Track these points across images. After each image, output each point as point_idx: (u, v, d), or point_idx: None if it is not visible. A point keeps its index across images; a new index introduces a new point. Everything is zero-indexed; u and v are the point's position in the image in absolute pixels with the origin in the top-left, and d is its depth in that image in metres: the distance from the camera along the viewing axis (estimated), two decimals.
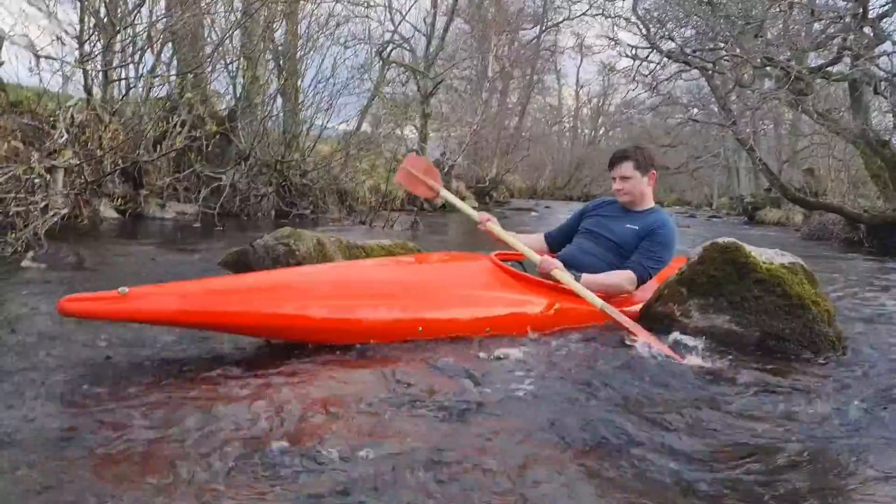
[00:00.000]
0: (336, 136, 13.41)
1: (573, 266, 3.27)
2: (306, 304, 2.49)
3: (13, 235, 4.67)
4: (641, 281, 3.35)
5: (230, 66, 10.67)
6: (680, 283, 3.34)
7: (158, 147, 8.46)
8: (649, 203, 3.55)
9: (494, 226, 3.45)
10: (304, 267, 3.19)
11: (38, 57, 6.93)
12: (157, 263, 4.84)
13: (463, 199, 19.53)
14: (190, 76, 9.04)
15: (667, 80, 15.92)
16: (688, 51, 12.34)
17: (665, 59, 13.87)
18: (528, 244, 3.48)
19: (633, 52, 14.85)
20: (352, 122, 14.04)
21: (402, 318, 2.65)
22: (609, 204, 3.68)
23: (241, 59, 10.50)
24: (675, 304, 3.30)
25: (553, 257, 3.42)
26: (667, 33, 13.38)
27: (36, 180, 5.73)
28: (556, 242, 3.75)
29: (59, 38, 7.59)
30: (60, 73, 7.55)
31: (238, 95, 10.68)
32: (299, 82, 12.14)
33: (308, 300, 2.51)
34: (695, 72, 14.87)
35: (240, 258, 4.58)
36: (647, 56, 14.77)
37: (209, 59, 9.89)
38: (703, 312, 3.22)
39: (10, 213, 5.10)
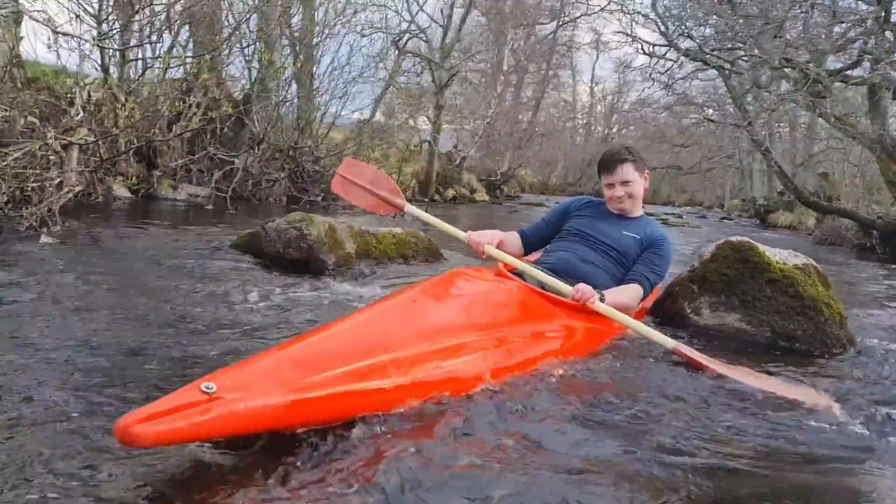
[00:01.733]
0: (349, 124, 13.41)
1: (570, 275, 2.90)
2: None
3: (28, 210, 4.69)
4: (646, 293, 3.03)
5: (246, 50, 10.68)
6: (692, 280, 3.34)
7: (173, 128, 8.47)
8: (640, 210, 3.24)
9: (492, 249, 3.00)
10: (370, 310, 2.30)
11: (56, 34, 6.94)
12: (169, 244, 4.86)
13: (473, 191, 19.61)
14: (207, 58, 9.04)
15: (683, 78, 15.85)
16: (706, 50, 12.26)
17: (682, 58, 13.79)
18: (513, 249, 3.17)
19: (651, 49, 14.78)
20: (365, 111, 14.04)
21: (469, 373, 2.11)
22: (596, 205, 3.30)
23: (258, 43, 10.50)
24: (685, 301, 3.30)
25: (533, 261, 3.12)
26: (685, 31, 13.30)
27: (51, 157, 5.76)
28: (535, 242, 3.34)
29: (77, 16, 7.61)
30: (78, 50, 7.58)
31: (253, 79, 10.68)
32: (315, 69, 12.15)
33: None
34: (711, 71, 14.81)
35: (251, 241, 4.60)
36: (665, 54, 14.70)
37: (226, 43, 9.89)
38: (714, 310, 3.22)
39: (26, 189, 5.12)
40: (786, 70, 10.53)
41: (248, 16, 10.05)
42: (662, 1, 14.22)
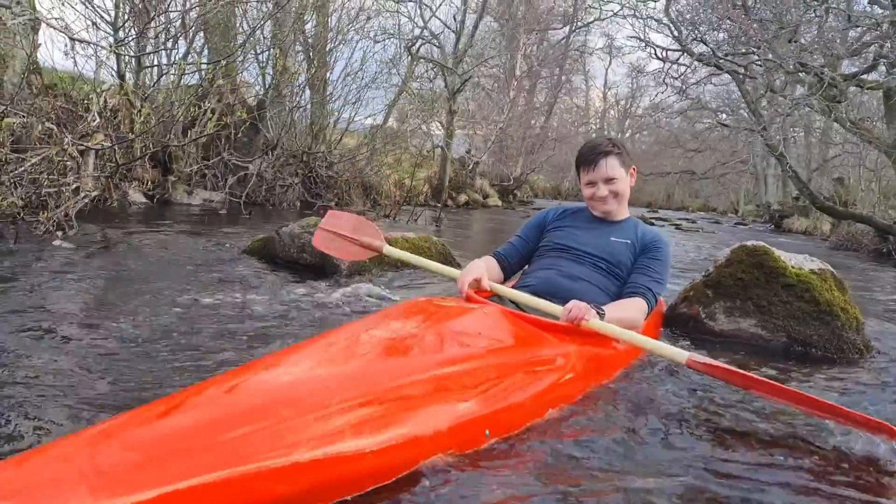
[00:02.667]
0: (363, 129, 13.46)
1: (556, 296, 2.44)
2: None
3: (45, 215, 4.74)
4: (651, 306, 2.57)
5: (261, 57, 10.75)
6: (706, 285, 3.32)
7: (188, 133, 8.54)
8: (626, 212, 2.84)
9: (493, 284, 2.54)
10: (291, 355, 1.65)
11: (73, 41, 7.01)
12: (183, 249, 4.89)
13: (486, 196, 19.61)
14: (221, 64, 9.11)
15: (697, 83, 15.82)
16: (720, 54, 12.22)
17: (696, 63, 13.76)
18: (491, 275, 2.64)
19: (664, 54, 14.76)
20: (378, 117, 14.09)
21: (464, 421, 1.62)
22: (575, 212, 2.90)
23: (272, 49, 10.57)
24: (700, 306, 3.28)
25: (511, 284, 2.72)
26: (699, 36, 13.27)
27: (68, 162, 5.81)
28: (514, 263, 2.86)
29: (94, 24, 7.69)
30: (94, 57, 7.66)
31: (267, 85, 10.75)
32: (328, 75, 12.20)
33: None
34: (725, 76, 14.75)
35: (265, 246, 4.62)
36: (678, 59, 14.68)
37: (240, 49, 9.96)
38: (729, 315, 3.20)
39: (43, 194, 5.17)
40: (800, 74, 10.47)
41: (262, 22, 10.11)
42: (675, 6, 14.21)
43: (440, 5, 20.52)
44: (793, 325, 3.07)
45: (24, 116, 5.96)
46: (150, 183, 8.16)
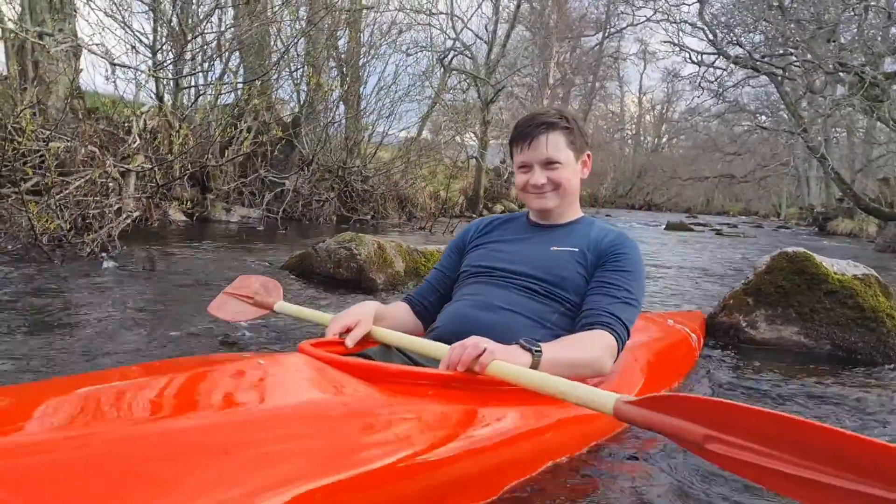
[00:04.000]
0: (397, 142, 13.58)
1: (467, 335, 1.54)
2: None
3: (90, 237, 4.87)
4: (621, 343, 1.74)
5: (295, 74, 10.93)
6: (746, 293, 3.27)
7: (225, 152, 8.71)
8: (577, 211, 2.08)
9: (379, 330, 1.75)
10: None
11: (113, 65, 7.22)
12: (222, 266, 4.97)
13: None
14: (257, 83, 9.28)
15: (733, 86, 15.60)
16: (756, 56, 12.05)
17: (732, 66, 13.59)
18: (396, 323, 1.92)
19: (699, 58, 14.60)
20: (412, 129, 14.19)
21: None
22: (507, 221, 2.14)
23: (306, 66, 10.73)
24: (740, 315, 3.22)
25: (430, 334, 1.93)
26: (734, 39, 13.10)
27: (110, 184, 5.97)
28: (432, 304, 2.07)
29: (133, 47, 7.92)
30: (134, 80, 7.87)
31: (302, 102, 10.91)
32: (361, 89, 12.35)
33: None
34: (763, 78, 14.53)
35: (303, 261, 4.67)
36: (714, 62, 14.51)
37: (275, 67, 10.13)
38: (771, 324, 3.13)
39: (87, 216, 5.32)
40: (840, 74, 10.26)
41: (296, 40, 10.29)
42: (710, 9, 14.06)
43: (472, 16, 20.69)
44: (837, 333, 2.99)
45: (68, 141, 6.13)
46: (189, 202, 8.33)
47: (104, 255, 4.74)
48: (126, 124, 7.39)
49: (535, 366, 1.50)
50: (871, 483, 0.97)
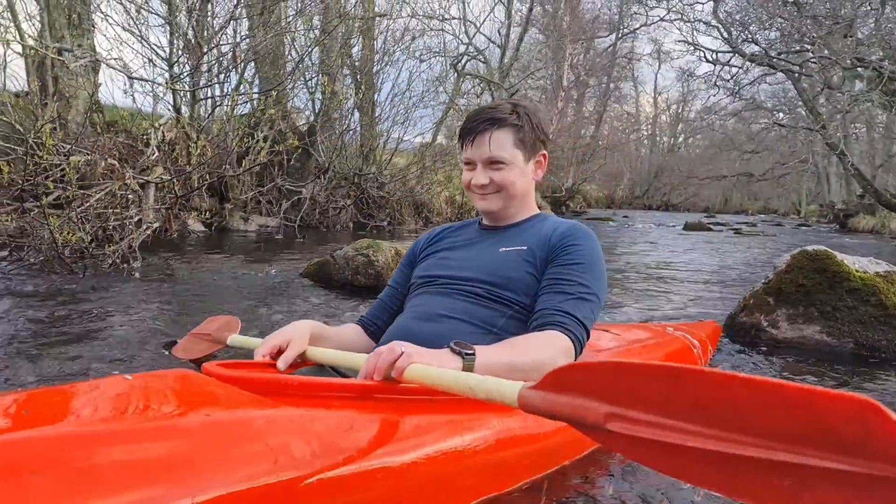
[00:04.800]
0: (412, 148, 13.61)
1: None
2: None
3: (111, 248, 4.92)
4: (579, 344, 1.57)
5: (309, 83, 10.99)
6: (767, 293, 3.24)
7: (242, 162, 8.78)
8: (532, 209, 1.93)
9: (312, 349, 1.60)
10: None
11: (131, 79, 7.31)
12: (242, 275, 5.01)
13: (539, 208, 19.48)
14: (272, 93, 9.35)
15: (750, 84, 15.50)
16: (772, 53, 11.96)
17: (748, 63, 13.50)
18: (345, 345, 1.76)
19: (714, 56, 14.52)
20: (427, 135, 14.23)
21: None
22: (460, 228, 2.03)
23: (320, 75, 10.80)
24: (761, 315, 3.20)
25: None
26: (749, 36, 13.02)
27: (130, 196, 6.04)
28: (386, 324, 1.94)
29: (150, 61, 8.01)
30: (152, 93, 7.97)
31: (317, 111, 10.97)
32: (376, 96, 12.40)
33: None
34: (780, 75, 14.42)
35: (321, 269, 4.70)
36: (729, 60, 14.42)
37: (290, 77, 10.21)
38: (793, 323, 3.11)
39: (108, 228, 5.38)
40: (858, 69, 10.16)
41: (310, 49, 10.36)
42: (724, 6, 13.98)
43: (484, 20, 20.74)
44: (859, 331, 2.96)
45: (88, 154, 6.21)
46: (207, 212, 8.41)
47: (125, 266, 4.80)
48: (144, 137, 7.48)
49: (467, 371, 1.32)
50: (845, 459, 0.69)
